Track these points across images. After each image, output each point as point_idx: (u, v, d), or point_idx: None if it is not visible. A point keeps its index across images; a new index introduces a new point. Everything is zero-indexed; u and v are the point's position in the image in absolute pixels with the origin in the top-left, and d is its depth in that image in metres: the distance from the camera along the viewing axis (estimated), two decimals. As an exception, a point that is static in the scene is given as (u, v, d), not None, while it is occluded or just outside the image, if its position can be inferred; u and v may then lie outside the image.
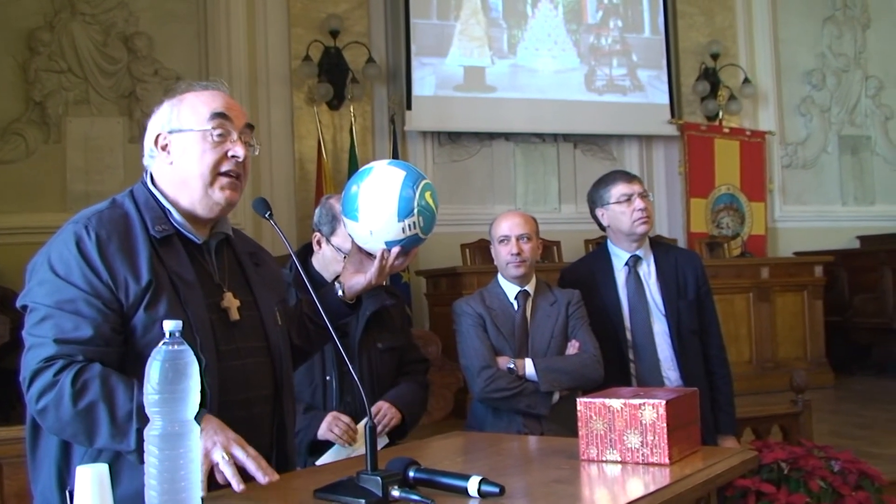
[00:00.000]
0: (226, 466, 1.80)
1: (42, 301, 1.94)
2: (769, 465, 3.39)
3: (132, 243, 2.01)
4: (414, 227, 2.25)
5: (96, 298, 1.93)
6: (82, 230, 1.98)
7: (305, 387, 2.99)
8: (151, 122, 2.16)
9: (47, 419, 1.89)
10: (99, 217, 2.03)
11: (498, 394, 3.36)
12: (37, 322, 1.93)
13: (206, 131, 2.07)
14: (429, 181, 2.31)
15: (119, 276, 1.96)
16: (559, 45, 8.92)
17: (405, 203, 2.22)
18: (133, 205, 2.10)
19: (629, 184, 3.62)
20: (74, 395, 1.83)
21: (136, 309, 1.96)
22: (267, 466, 1.85)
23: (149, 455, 1.53)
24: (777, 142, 9.84)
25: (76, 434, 1.88)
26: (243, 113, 2.16)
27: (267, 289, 2.30)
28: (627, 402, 2.09)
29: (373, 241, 2.30)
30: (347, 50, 8.08)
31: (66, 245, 1.97)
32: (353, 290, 2.43)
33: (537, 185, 8.93)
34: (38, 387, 1.87)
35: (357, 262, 2.42)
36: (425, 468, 1.83)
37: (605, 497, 1.91)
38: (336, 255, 3.03)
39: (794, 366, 7.32)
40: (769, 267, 8.23)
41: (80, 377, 1.85)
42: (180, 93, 2.16)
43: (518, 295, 3.54)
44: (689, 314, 3.58)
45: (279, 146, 7.89)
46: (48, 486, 1.99)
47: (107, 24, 7.60)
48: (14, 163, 7.28)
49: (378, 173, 2.27)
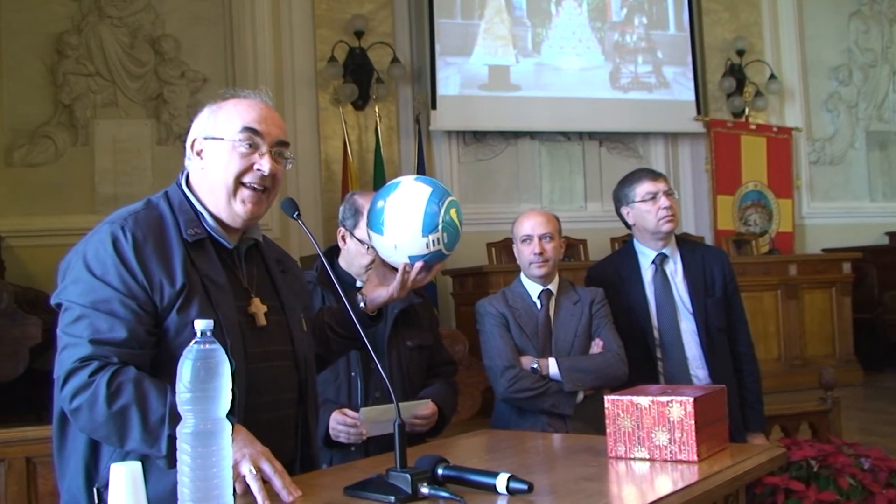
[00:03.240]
0: (253, 481, 1.81)
1: (77, 300, 1.95)
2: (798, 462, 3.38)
3: (167, 245, 2.03)
4: (438, 242, 2.28)
5: (131, 299, 1.94)
6: (119, 230, 1.99)
7: (330, 383, 3.00)
8: (193, 124, 2.18)
9: (80, 419, 1.90)
10: (135, 218, 2.04)
11: (522, 394, 3.36)
12: (72, 321, 1.94)
13: (234, 142, 2.08)
14: (454, 198, 2.35)
15: (154, 278, 1.97)
16: (584, 43, 8.90)
17: (430, 219, 2.26)
18: (168, 206, 2.11)
19: (654, 182, 3.61)
20: (109, 397, 1.85)
21: (170, 311, 1.97)
22: (291, 483, 1.85)
23: (181, 453, 1.55)
24: (804, 138, 9.77)
25: (108, 436, 1.90)
26: (280, 127, 2.16)
27: (293, 295, 2.32)
28: (655, 400, 2.09)
29: (397, 255, 2.33)
30: (372, 50, 8.10)
31: (103, 244, 1.98)
32: (374, 302, 2.47)
33: (563, 184, 8.91)
34: (73, 386, 1.88)
35: (381, 276, 2.46)
36: (454, 465, 1.84)
37: (634, 494, 1.91)
38: (360, 248, 3.03)
39: (822, 363, 7.29)
40: (797, 264, 8.19)
41: (115, 380, 1.86)
42: (223, 100, 2.17)
43: (541, 294, 3.53)
44: (717, 312, 3.57)
45: (305, 147, 7.92)
46: (75, 484, 2.01)
47: (134, 27, 7.66)
48: (43, 165, 7.36)
49: (405, 189, 2.31)
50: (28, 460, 3.41)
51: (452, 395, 3.26)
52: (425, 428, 3.05)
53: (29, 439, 3.42)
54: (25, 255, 7.08)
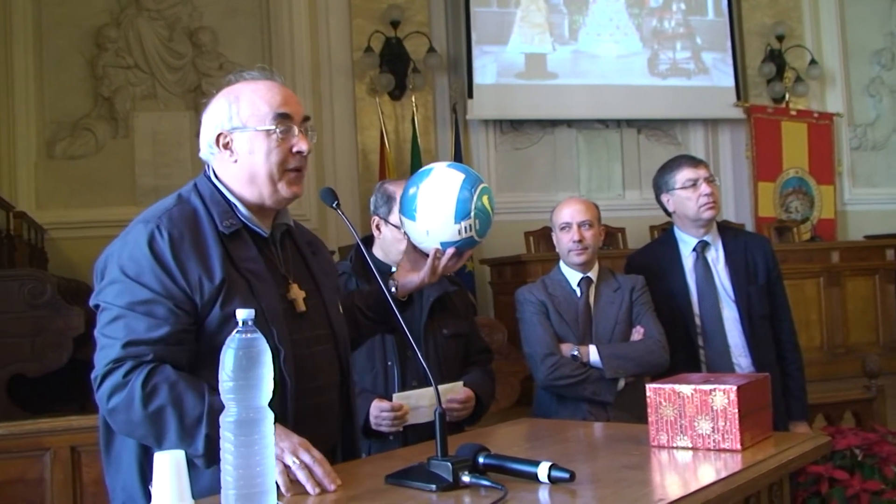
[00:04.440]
0: (298, 471, 1.81)
1: (114, 301, 1.94)
2: (842, 451, 3.35)
3: (203, 241, 2.01)
4: (470, 229, 2.29)
5: (168, 300, 1.93)
6: (154, 230, 1.97)
7: (367, 373, 3.00)
8: (207, 116, 2.14)
9: (117, 420, 1.91)
10: (170, 215, 2.02)
11: (562, 381, 3.35)
12: (108, 322, 1.94)
13: (269, 131, 2.07)
14: (487, 185, 2.35)
15: (193, 277, 1.96)
16: (621, 30, 8.83)
17: (462, 205, 2.27)
18: (199, 200, 2.09)
19: (695, 168, 3.57)
20: (144, 398, 1.85)
21: (212, 307, 1.96)
22: (332, 472, 1.85)
23: (224, 441, 1.56)
24: (845, 123, 9.63)
25: (145, 436, 1.90)
26: (299, 104, 2.16)
27: (326, 277, 2.32)
28: (698, 388, 2.07)
29: (429, 241, 2.33)
30: (408, 40, 8.09)
31: (138, 245, 1.96)
32: (405, 288, 2.48)
33: (601, 172, 8.87)
34: (108, 387, 1.88)
35: (413, 261, 2.45)
36: (495, 454, 1.83)
37: (677, 483, 1.90)
38: (396, 234, 3.02)
39: (865, 351, 7.19)
40: (839, 251, 8.09)
41: (151, 380, 1.86)
42: (232, 85, 2.14)
43: (581, 282, 3.51)
44: (760, 299, 3.53)
45: (342, 138, 7.95)
46: (131, 482, 2.01)
47: (171, 20, 7.72)
48: (84, 158, 7.46)
49: (437, 175, 2.32)
50: (73, 449, 3.46)
51: (490, 383, 3.25)
52: (463, 414, 3.04)
53: (74, 428, 3.47)
54: (67, 247, 7.17)
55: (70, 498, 3.46)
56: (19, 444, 3.47)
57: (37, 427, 3.52)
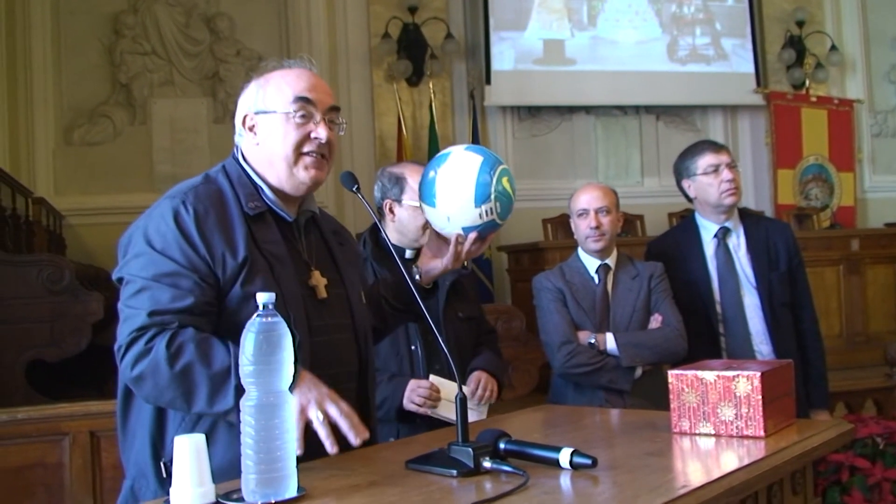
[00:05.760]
0: (320, 427, 1.81)
1: (139, 273, 1.95)
2: (863, 439, 3.33)
3: (228, 219, 2.02)
4: (491, 212, 2.26)
5: (193, 272, 1.94)
6: (180, 205, 1.99)
7: (392, 357, 3.01)
8: (240, 100, 2.18)
9: (144, 387, 1.90)
10: (196, 192, 2.04)
11: (579, 369, 3.34)
12: (133, 294, 1.95)
13: (288, 114, 2.08)
14: (506, 166, 2.32)
15: (216, 252, 1.97)
16: (640, 16, 8.77)
17: (482, 189, 2.24)
18: (226, 180, 2.11)
19: (717, 154, 3.55)
20: (170, 357, 1.84)
21: (233, 284, 1.97)
22: (359, 423, 1.86)
23: (245, 425, 1.55)
24: (866, 110, 9.56)
25: (174, 399, 1.89)
26: (329, 93, 2.16)
27: (351, 267, 2.32)
28: (721, 375, 2.06)
29: (450, 227, 2.31)
30: (426, 26, 8.07)
31: (164, 219, 1.98)
32: (429, 274, 2.46)
33: (619, 159, 8.83)
34: (133, 355, 1.88)
35: (435, 248, 2.44)
36: (516, 440, 1.82)
37: (699, 470, 1.88)
38: (413, 212, 3.01)
39: (885, 339, 7.13)
40: (859, 238, 8.02)
41: (175, 341, 1.86)
42: (267, 72, 2.17)
43: (598, 269, 3.49)
44: (781, 286, 3.50)
45: (360, 124, 7.93)
46: (142, 458, 2.01)
47: (189, 6, 7.72)
48: (102, 144, 7.46)
49: (455, 159, 2.29)
50: (92, 434, 3.48)
51: (501, 360, 3.30)
52: (492, 399, 3.07)
53: (92, 413, 3.49)
54: (85, 233, 7.19)
55: (89, 482, 3.48)
56: (38, 429, 3.49)
57: (56, 412, 3.54)
